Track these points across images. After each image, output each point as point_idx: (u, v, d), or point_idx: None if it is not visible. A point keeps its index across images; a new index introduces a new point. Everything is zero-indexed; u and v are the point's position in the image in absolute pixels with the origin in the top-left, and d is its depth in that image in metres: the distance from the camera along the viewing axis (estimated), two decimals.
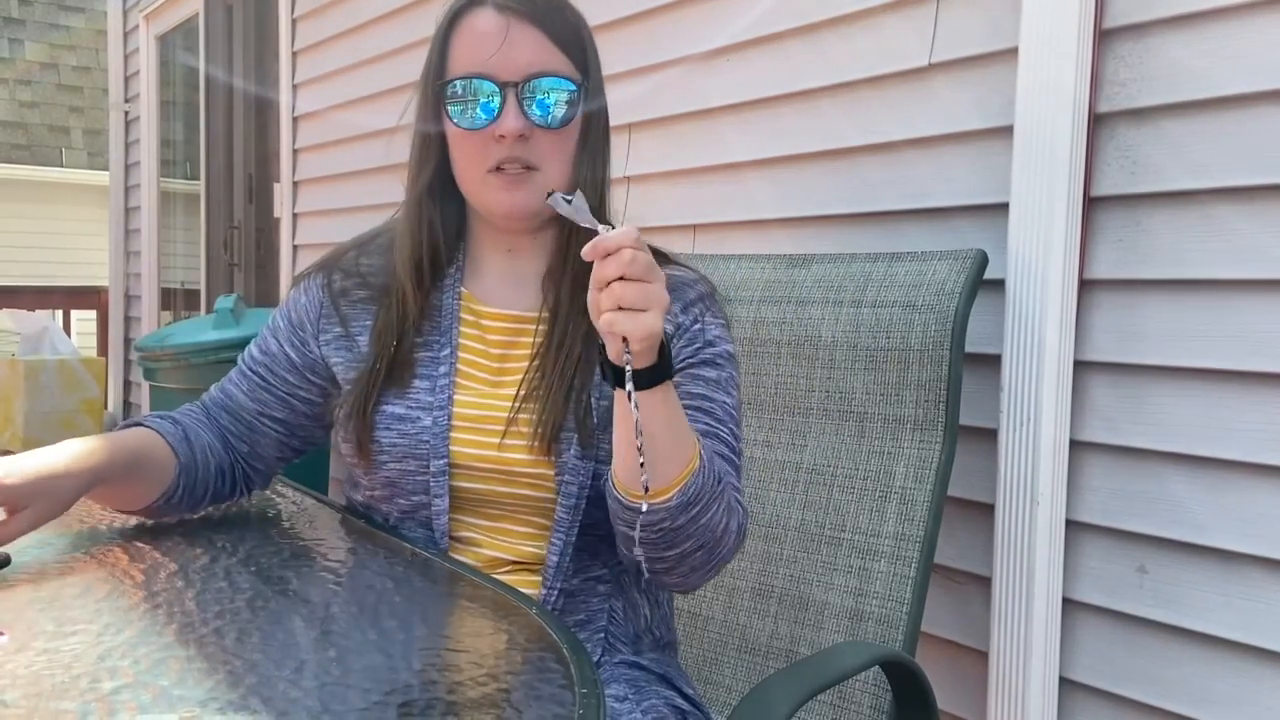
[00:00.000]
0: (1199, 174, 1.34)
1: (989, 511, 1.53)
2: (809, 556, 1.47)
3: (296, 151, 3.90)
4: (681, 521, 0.96)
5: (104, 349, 6.01)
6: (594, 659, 1.09)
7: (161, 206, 5.57)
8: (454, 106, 1.07)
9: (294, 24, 3.86)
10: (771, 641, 1.48)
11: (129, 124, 5.84)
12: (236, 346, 3.20)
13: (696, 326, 1.11)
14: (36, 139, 10.17)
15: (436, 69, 1.11)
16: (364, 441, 1.10)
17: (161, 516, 1.15)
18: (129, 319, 5.86)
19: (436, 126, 1.11)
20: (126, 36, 5.87)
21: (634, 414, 0.89)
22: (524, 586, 1.06)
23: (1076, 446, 1.47)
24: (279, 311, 1.21)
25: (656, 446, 0.93)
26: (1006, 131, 1.52)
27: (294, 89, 3.88)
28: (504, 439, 1.08)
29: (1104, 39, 1.43)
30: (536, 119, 1.06)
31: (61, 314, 6.15)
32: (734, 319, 1.19)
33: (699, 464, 0.95)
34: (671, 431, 0.94)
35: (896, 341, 1.42)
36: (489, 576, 1.02)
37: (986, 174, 1.58)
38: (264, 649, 0.77)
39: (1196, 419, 1.35)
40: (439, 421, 1.09)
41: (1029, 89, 1.47)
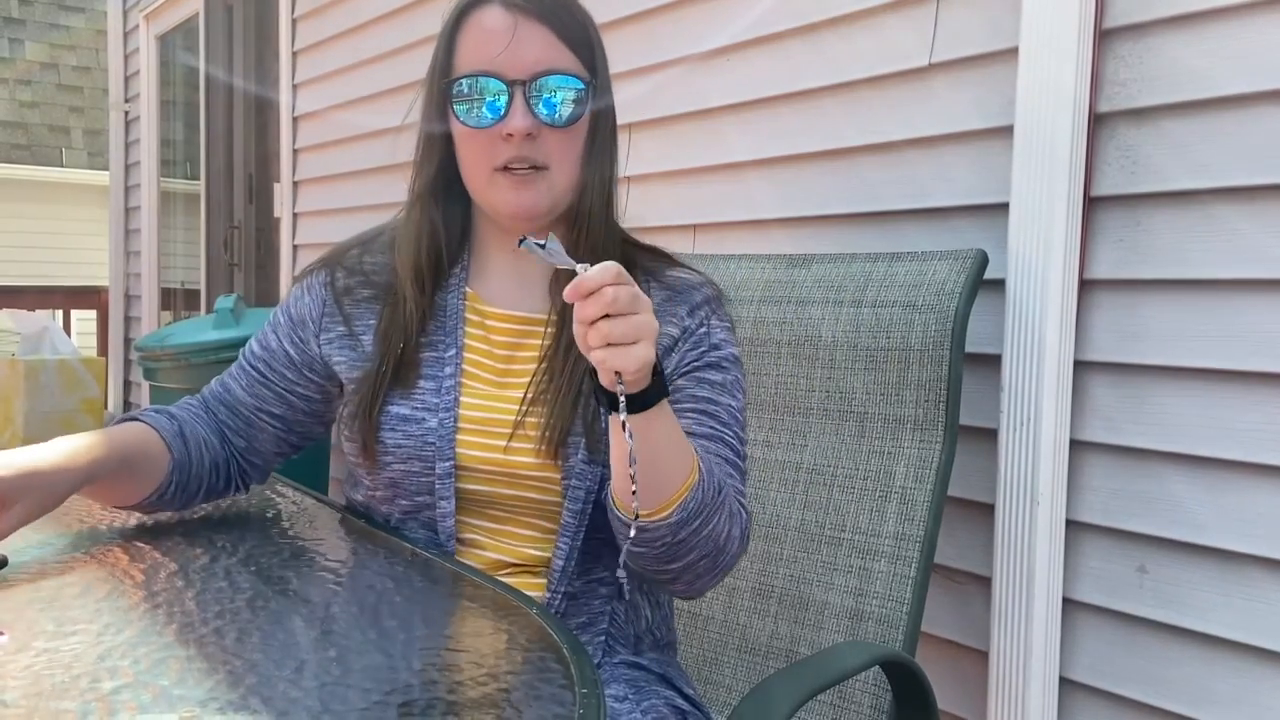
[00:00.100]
0: (1199, 174, 1.34)
1: (989, 511, 1.53)
2: (809, 556, 1.47)
3: (296, 151, 3.90)
4: (683, 535, 0.95)
5: (104, 349, 6.01)
6: (594, 660, 1.09)
7: (161, 206, 5.57)
8: (460, 105, 1.06)
9: (294, 24, 3.86)
10: (771, 641, 1.48)
11: (129, 124, 5.84)
12: (236, 346, 3.20)
13: (702, 330, 1.11)
14: (36, 139, 10.17)
15: (443, 66, 1.09)
16: (369, 442, 1.09)
17: (155, 511, 1.15)
18: (129, 319, 5.87)
19: (442, 125, 1.10)
20: (126, 36, 5.87)
21: (629, 443, 0.88)
22: (527, 589, 1.05)
23: (1076, 446, 1.47)
24: (281, 308, 1.20)
25: (653, 466, 0.92)
26: (1007, 131, 1.52)
27: (294, 89, 3.88)
28: (511, 441, 1.07)
29: (1104, 39, 1.43)
30: (544, 117, 1.05)
31: (62, 314, 6.13)
32: (734, 319, 1.18)
33: (698, 478, 0.95)
34: (668, 449, 0.93)
35: (896, 341, 1.42)
36: (489, 576, 1.02)
37: (987, 174, 1.58)
38: (264, 649, 0.77)
39: (1197, 419, 1.35)
40: (445, 423, 1.08)
41: (1029, 89, 1.47)
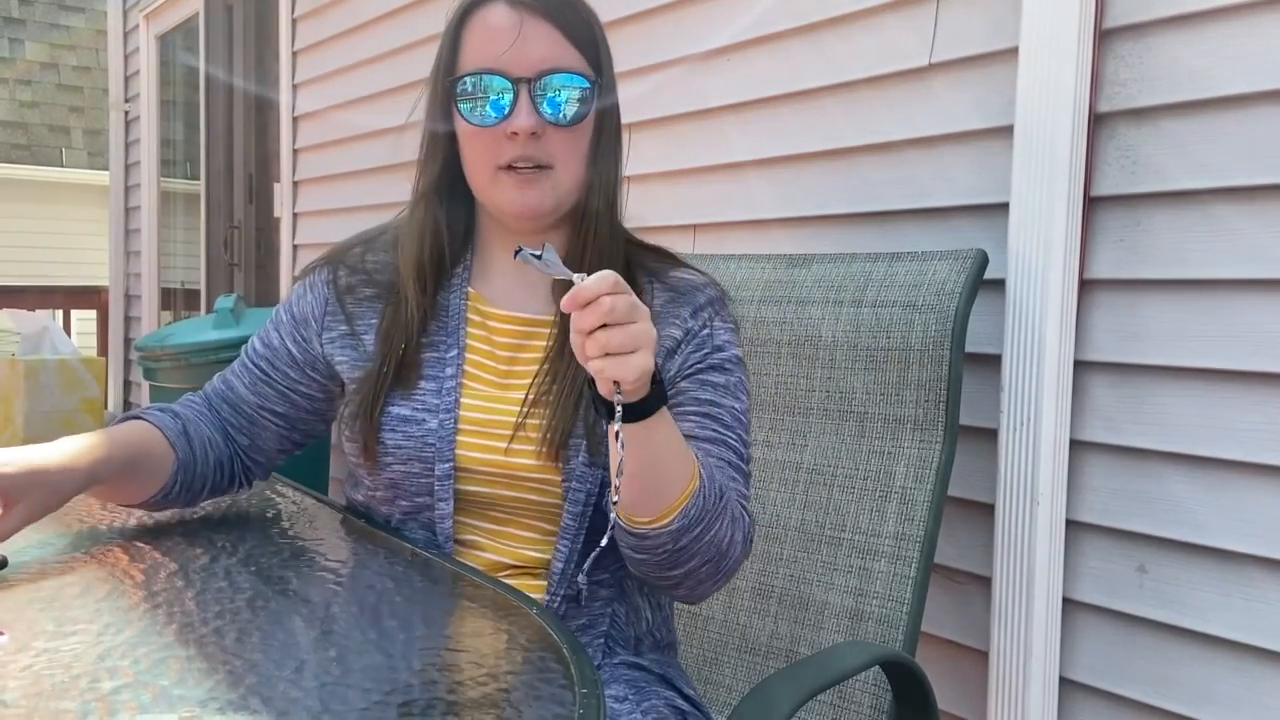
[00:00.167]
0: (1199, 174, 1.34)
1: (989, 511, 1.53)
2: (809, 556, 1.47)
3: (296, 151, 3.90)
4: (684, 542, 0.95)
5: (104, 349, 6.00)
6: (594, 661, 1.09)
7: (161, 206, 5.57)
8: (465, 103, 1.05)
9: (294, 24, 3.86)
10: (771, 641, 1.48)
11: (129, 124, 5.84)
12: (236, 346, 3.20)
13: (705, 332, 1.10)
14: (36, 139, 10.17)
15: (447, 64, 1.08)
16: (369, 443, 1.09)
17: (160, 510, 1.14)
18: (129, 319, 5.86)
19: (446, 123, 1.09)
20: (126, 36, 5.87)
21: (619, 453, 0.88)
22: (527, 591, 1.05)
23: (1076, 446, 1.47)
24: (284, 305, 1.20)
25: (653, 474, 0.92)
26: (1007, 131, 1.52)
27: (294, 89, 3.88)
28: (511, 444, 1.06)
29: (1104, 39, 1.43)
30: (549, 116, 1.04)
31: (62, 314, 6.14)
32: (736, 319, 1.18)
33: (699, 484, 0.94)
34: (668, 457, 0.92)
35: (897, 341, 1.42)
36: (489, 576, 1.02)
37: (987, 174, 1.58)
38: (264, 649, 0.77)
39: (1197, 419, 1.35)
40: (445, 425, 1.07)
41: (1029, 89, 1.47)
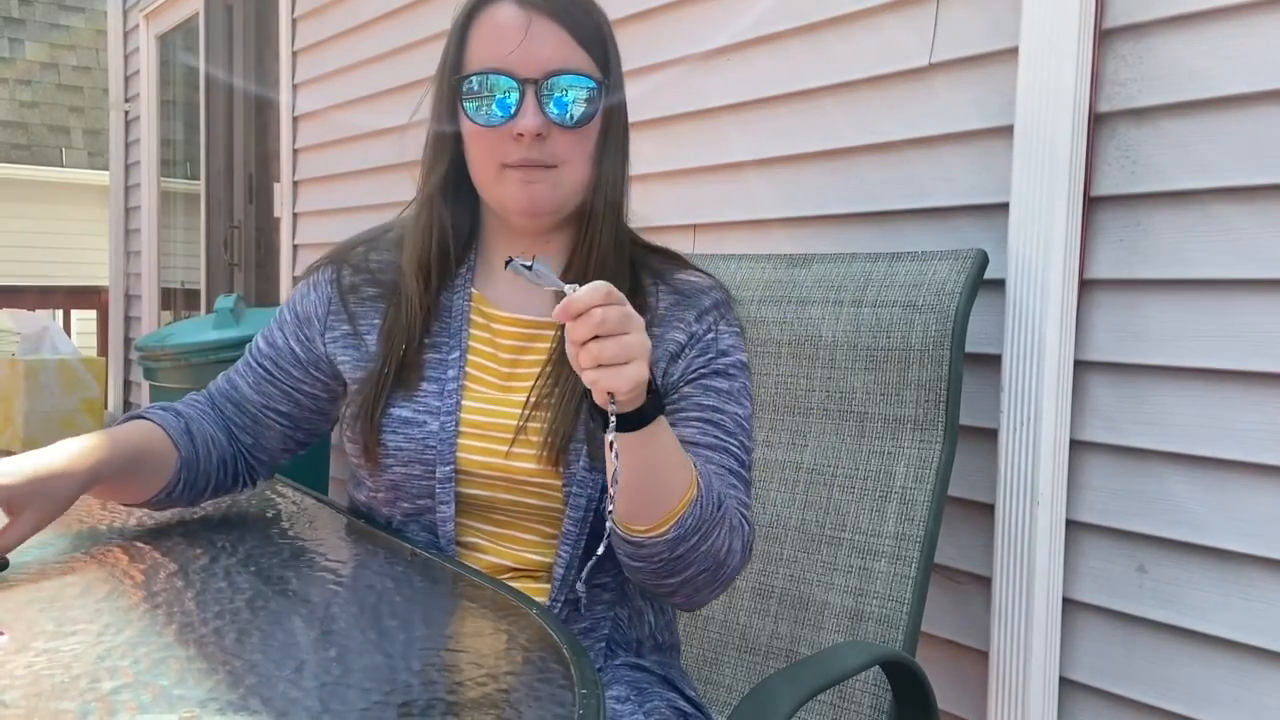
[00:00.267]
0: (1199, 174, 1.34)
1: (989, 511, 1.53)
2: (809, 556, 1.47)
3: (296, 151, 3.90)
4: (681, 551, 0.95)
5: (104, 349, 6.00)
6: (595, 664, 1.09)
7: (161, 206, 5.57)
8: (470, 102, 1.05)
9: (294, 24, 3.86)
10: (771, 641, 1.48)
11: (129, 124, 5.84)
12: (236, 346, 3.20)
13: (710, 336, 1.09)
14: (36, 139, 10.17)
15: (453, 63, 1.08)
16: (371, 445, 1.09)
17: (164, 509, 1.14)
18: (129, 319, 5.86)
19: (452, 123, 1.09)
20: (126, 36, 5.87)
21: (614, 463, 0.87)
22: (528, 594, 1.05)
23: (1076, 446, 1.47)
24: (287, 304, 1.19)
25: (650, 483, 0.91)
26: (1007, 131, 1.52)
27: (294, 89, 3.88)
28: (512, 447, 1.06)
29: (1104, 39, 1.43)
30: (555, 117, 1.03)
31: (62, 314, 6.14)
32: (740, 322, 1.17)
33: (696, 493, 0.94)
34: (665, 466, 0.92)
35: (897, 341, 1.42)
36: (489, 577, 1.02)
37: (987, 174, 1.58)
38: (264, 649, 0.77)
39: (1197, 419, 1.35)
40: (446, 427, 1.07)
41: (1029, 89, 1.47)
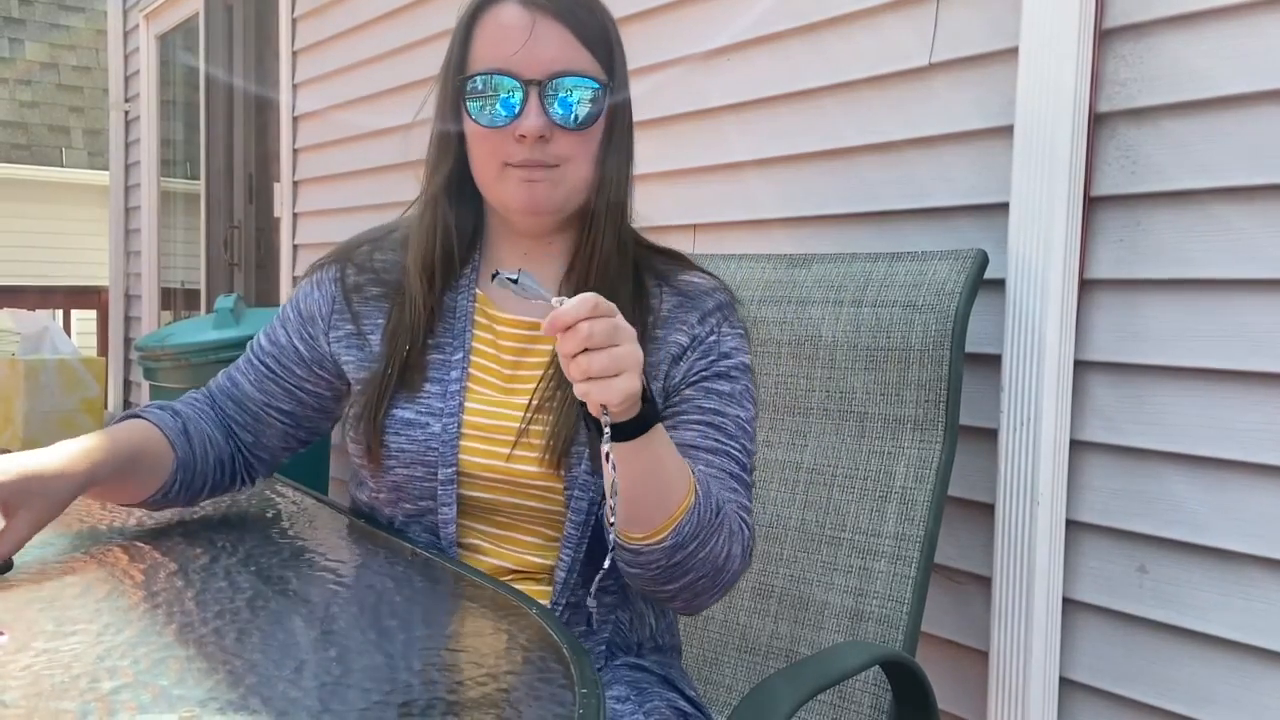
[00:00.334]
0: (1200, 173, 1.34)
1: (989, 511, 1.52)
2: (809, 556, 1.47)
3: (296, 151, 3.90)
4: (679, 559, 0.95)
5: (104, 349, 6.00)
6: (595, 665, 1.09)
7: (161, 206, 5.56)
8: (473, 102, 1.04)
9: (294, 24, 3.86)
10: (771, 641, 1.48)
11: (129, 124, 5.84)
12: (236, 346, 3.20)
13: (712, 338, 1.09)
14: (36, 139, 10.17)
15: (457, 63, 1.07)
16: (374, 445, 1.08)
17: (161, 509, 1.14)
18: (129, 319, 5.86)
19: (456, 122, 1.08)
20: (126, 36, 5.87)
21: (611, 474, 0.87)
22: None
23: (1077, 446, 1.47)
24: (290, 303, 1.19)
25: (646, 491, 0.91)
26: (1007, 131, 1.52)
27: (294, 89, 3.88)
28: (514, 450, 1.06)
29: (1104, 38, 1.43)
30: (558, 119, 1.03)
31: (62, 314, 6.14)
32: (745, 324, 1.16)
33: (694, 500, 0.94)
34: (661, 475, 0.92)
35: (897, 341, 1.42)
36: (490, 577, 1.02)
37: (987, 174, 1.58)
38: (264, 649, 0.77)
39: (1197, 419, 1.35)
40: (448, 429, 1.07)
41: (1029, 89, 1.47)
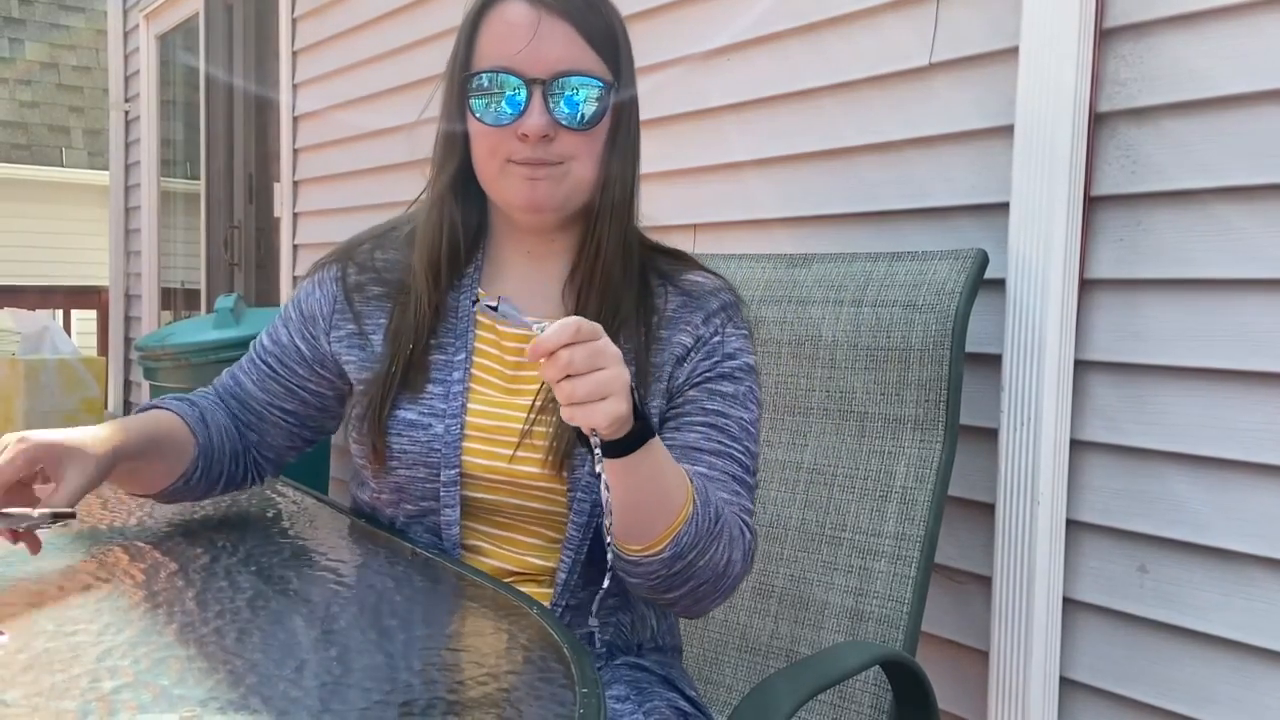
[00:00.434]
0: (1200, 173, 1.34)
1: (989, 511, 1.52)
2: (809, 556, 1.47)
3: (296, 151, 3.90)
4: (678, 568, 0.95)
5: (104, 349, 6.00)
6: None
7: (161, 206, 5.56)
8: (477, 100, 1.04)
9: (294, 24, 3.86)
10: (772, 641, 1.48)
11: (129, 124, 5.84)
12: (236, 346, 3.20)
13: (716, 339, 1.09)
14: (36, 139, 10.17)
15: (462, 61, 1.07)
16: (377, 446, 1.08)
17: (177, 500, 1.15)
18: (129, 319, 5.86)
19: (461, 121, 1.08)
20: (126, 36, 5.87)
21: (605, 494, 0.87)
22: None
23: (1077, 446, 1.47)
24: (292, 302, 1.19)
25: (642, 504, 0.91)
26: (1007, 131, 1.52)
27: (294, 89, 3.88)
28: (517, 451, 1.06)
29: (1105, 38, 1.43)
30: (562, 118, 1.02)
31: (62, 314, 6.14)
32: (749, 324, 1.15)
33: (692, 510, 0.93)
34: (657, 489, 0.91)
35: (897, 341, 1.42)
36: (490, 577, 1.02)
37: (987, 173, 1.58)
38: (264, 649, 0.77)
39: (1198, 418, 1.35)
40: (451, 430, 1.07)
41: (1029, 88, 1.47)
